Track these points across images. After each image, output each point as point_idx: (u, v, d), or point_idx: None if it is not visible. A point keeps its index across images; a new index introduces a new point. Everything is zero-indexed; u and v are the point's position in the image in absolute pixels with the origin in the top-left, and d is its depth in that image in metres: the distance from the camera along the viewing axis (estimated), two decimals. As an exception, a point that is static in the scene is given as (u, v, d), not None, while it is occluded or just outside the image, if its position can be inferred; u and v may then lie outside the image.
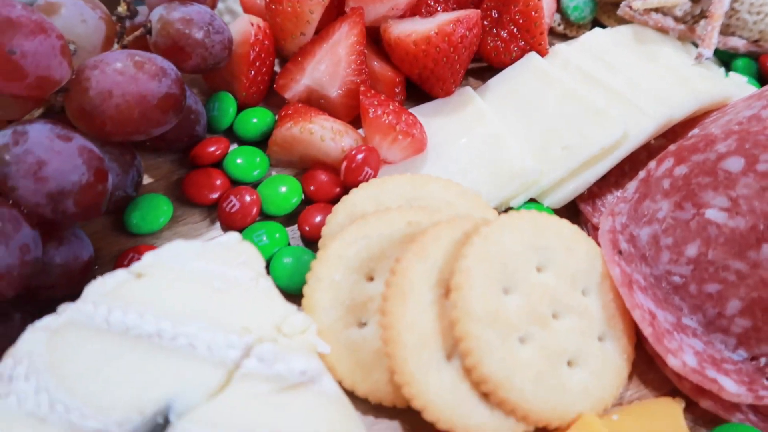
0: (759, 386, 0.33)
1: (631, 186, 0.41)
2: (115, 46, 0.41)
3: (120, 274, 0.31)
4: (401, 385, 0.32)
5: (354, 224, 0.38)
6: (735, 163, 0.35)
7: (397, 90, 0.48)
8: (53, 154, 0.33)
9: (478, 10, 0.46)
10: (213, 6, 0.46)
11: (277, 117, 0.47)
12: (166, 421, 0.27)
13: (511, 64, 0.50)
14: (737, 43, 0.53)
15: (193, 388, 0.28)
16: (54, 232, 0.36)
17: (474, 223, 0.36)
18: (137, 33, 0.42)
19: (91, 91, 0.36)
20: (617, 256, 0.37)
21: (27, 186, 0.33)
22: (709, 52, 0.49)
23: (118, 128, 0.37)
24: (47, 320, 0.29)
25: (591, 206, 0.43)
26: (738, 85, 0.49)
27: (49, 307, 0.31)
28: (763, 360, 0.34)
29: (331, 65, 0.45)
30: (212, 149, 0.45)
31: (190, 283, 0.32)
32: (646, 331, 0.34)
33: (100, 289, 0.30)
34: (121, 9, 0.41)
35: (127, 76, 0.36)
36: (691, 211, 0.37)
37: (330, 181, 0.43)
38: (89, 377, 0.28)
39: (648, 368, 0.37)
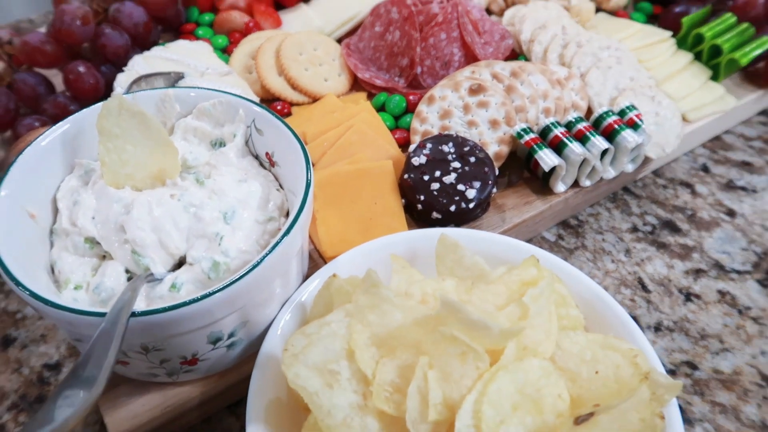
0: (393, 83, 0.96)
1: (359, 31, 1.03)
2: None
3: (159, 48, 0.92)
4: (261, 80, 0.93)
5: (249, 43, 0.99)
6: (394, 10, 0.98)
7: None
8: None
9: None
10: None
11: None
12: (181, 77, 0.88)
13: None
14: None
15: (191, 71, 0.89)
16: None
17: (287, 35, 0.98)
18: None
19: (145, -8, 0.96)
20: (346, 49, 0.99)
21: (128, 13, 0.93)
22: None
23: None
24: (143, 54, 0.90)
25: (342, 41, 1.05)
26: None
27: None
28: (395, 77, 0.97)
29: (240, -7, 1.08)
30: None
31: (186, 49, 0.92)
32: (353, 69, 0.96)
33: (156, 52, 0.91)
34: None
35: (158, -13, 0.97)
36: (373, 32, 1.00)
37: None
38: (167, 56, 0.88)
39: (356, 84, 0.99)
